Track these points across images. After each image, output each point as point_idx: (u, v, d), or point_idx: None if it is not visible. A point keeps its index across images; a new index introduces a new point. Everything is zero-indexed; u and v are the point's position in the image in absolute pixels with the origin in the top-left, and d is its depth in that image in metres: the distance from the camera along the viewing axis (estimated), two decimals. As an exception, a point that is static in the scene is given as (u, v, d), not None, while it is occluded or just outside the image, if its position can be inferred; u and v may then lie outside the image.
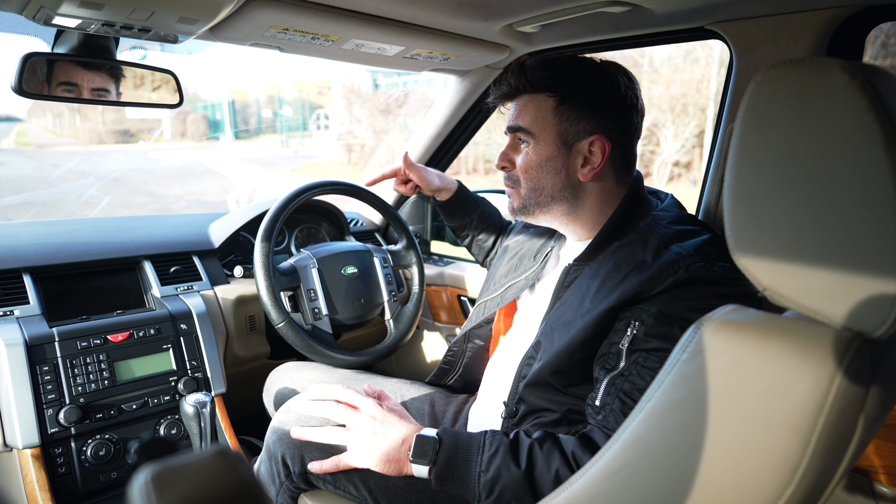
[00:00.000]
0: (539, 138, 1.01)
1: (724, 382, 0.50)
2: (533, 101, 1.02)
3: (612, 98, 0.99)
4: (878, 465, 1.01)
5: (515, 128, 1.04)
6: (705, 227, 0.98)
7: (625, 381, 0.84)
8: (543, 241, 1.20)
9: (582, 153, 1.00)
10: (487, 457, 0.86)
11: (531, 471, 0.83)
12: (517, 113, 1.04)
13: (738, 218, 0.50)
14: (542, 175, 1.02)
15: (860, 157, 0.43)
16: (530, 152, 1.02)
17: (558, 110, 0.99)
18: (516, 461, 0.84)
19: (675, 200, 1.07)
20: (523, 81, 1.02)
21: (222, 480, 0.31)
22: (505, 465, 0.84)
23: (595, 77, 0.99)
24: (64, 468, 1.16)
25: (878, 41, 8.47)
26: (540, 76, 1.00)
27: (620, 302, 0.87)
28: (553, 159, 1.01)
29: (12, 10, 0.96)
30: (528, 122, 1.02)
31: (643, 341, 0.84)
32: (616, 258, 0.94)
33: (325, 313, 1.43)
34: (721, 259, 0.86)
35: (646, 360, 0.83)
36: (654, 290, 0.85)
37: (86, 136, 21.82)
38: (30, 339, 1.18)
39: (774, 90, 0.48)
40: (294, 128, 22.84)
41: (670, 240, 0.91)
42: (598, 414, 0.86)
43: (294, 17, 1.10)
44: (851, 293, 0.45)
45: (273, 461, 1.08)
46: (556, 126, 1.00)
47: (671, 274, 0.84)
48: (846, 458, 0.49)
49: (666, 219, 0.97)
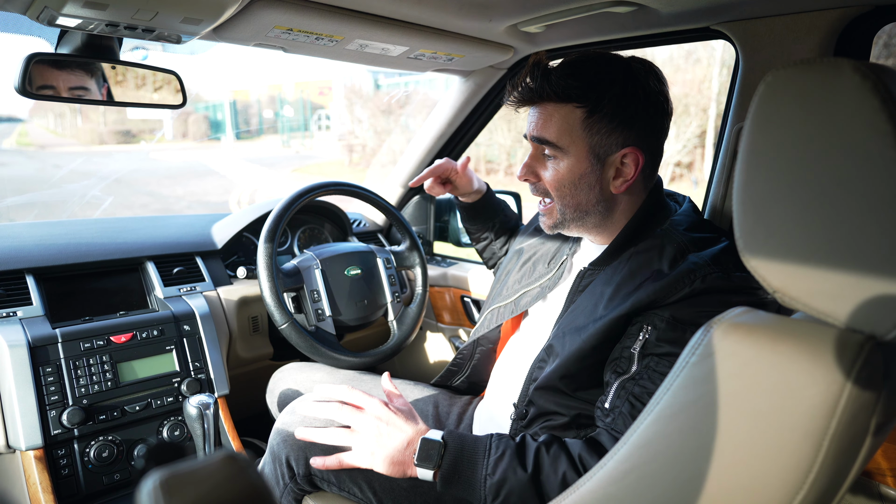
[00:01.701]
0: (570, 153, 0.95)
1: (735, 385, 0.49)
2: (559, 112, 0.94)
3: (644, 106, 0.94)
4: (885, 468, 1.00)
5: (541, 140, 0.97)
6: (722, 233, 0.97)
7: (635, 385, 0.83)
8: (558, 244, 1.17)
9: (614, 165, 0.95)
10: (493, 460, 0.85)
11: (538, 474, 0.83)
12: (542, 123, 0.96)
13: (748, 219, 0.50)
14: (577, 192, 0.97)
15: (872, 158, 0.43)
16: (561, 169, 0.96)
17: (588, 122, 0.93)
18: (523, 464, 0.83)
19: (692, 205, 1.05)
20: (547, 89, 0.94)
21: (231, 486, 0.30)
22: (511, 468, 0.83)
23: (625, 84, 0.92)
24: (67, 470, 1.16)
25: (881, 41, 8.45)
26: (566, 85, 0.92)
27: (634, 309, 0.86)
28: (586, 175, 0.96)
29: (16, 10, 0.96)
30: (555, 135, 0.95)
31: (655, 346, 0.84)
32: (631, 265, 0.93)
33: (328, 314, 1.43)
34: (738, 269, 0.85)
35: (657, 365, 0.83)
36: (669, 299, 0.84)
37: (87, 136, 21.86)
38: (33, 340, 1.18)
39: (784, 91, 0.47)
40: (295, 128, 22.87)
41: (687, 248, 0.90)
42: (606, 416, 0.85)
43: (298, 17, 1.10)
44: (863, 295, 0.44)
45: (277, 463, 1.08)
46: (586, 140, 0.94)
47: (687, 284, 0.84)
48: (857, 462, 0.49)
49: (683, 224, 0.96)
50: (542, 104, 0.97)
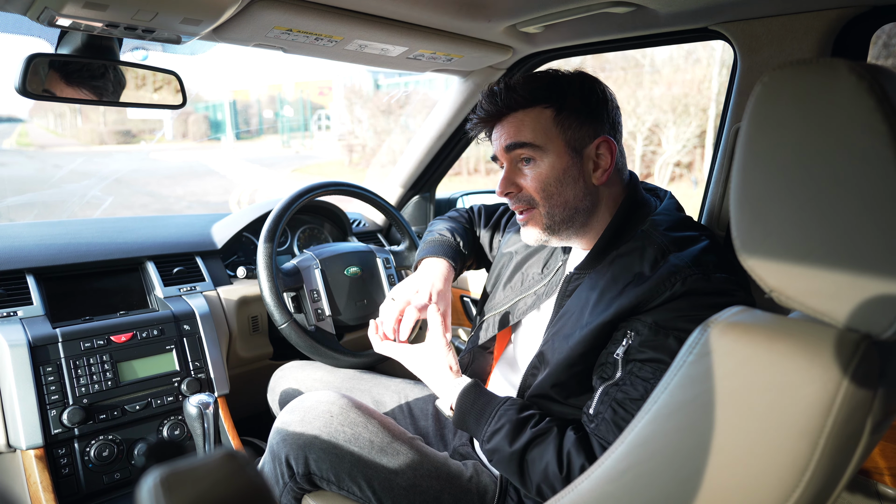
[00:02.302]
0: (548, 150, 0.97)
1: (732, 384, 0.49)
2: (529, 116, 0.98)
3: (602, 100, 0.99)
4: (882, 467, 1.00)
5: (516, 144, 0.98)
6: (703, 230, 0.97)
7: (618, 391, 0.84)
8: (551, 250, 1.16)
9: (591, 157, 0.98)
10: (491, 431, 0.93)
11: (524, 455, 0.89)
12: (513, 131, 0.99)
13: (745, 219, 0.50)
14: (564, 189, 0.98)
15: (868, 158, 0.43)
16: (544, 169, 0.98)
17: (558, 119, 0.97)
18: (514, 441, 0.90)
19: (674, 201, 1.05)
20: (514, 97, 0.98)
21: (231, 483, 0.31)
22: (504, 442, 0.91)
23: (581, 83, 0.99)
24: (67, 469, 1.16)
25: (880, 41, 8.46)
26: (530, 89, 0.97)
27: (618, 315, 0.87)
28: (569, 169, 0.97)
29: (16, 11, 0.96)
30: (530, 135, 0.97)
31: (638, 351, 0.84)
32: (614, 269, 0.94)
33: (328, 314, 1.43)
34: (718, 269, 0.85)
35: (640, 371, 0.83)
36: (651, 303, 0.85)
37: (87, 136, 21.87)
38: (33, 339, 1.18)
39: (781, 91, 0.47)
40: (295, 128, 22.87)
41: (668, 248, 0.90)
42: (591, 423, 0.86)
43: (298, 17, 1.10)
44: (859, 294, 0.45)
45: (276, 462, 1.08)
46: (560, 136, 0.97)
47: (668, 287, 0.84)
48: (853, 461, 0.49)
49: (664, 224, 0.96)
50: (510, 116, 1.00)
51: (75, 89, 1.16)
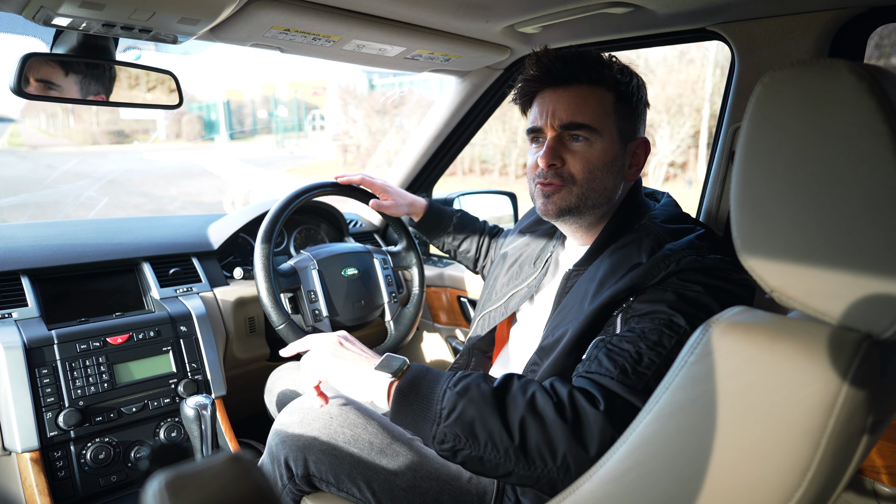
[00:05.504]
0: (604, 136, 0.96)
1: (733, 384, 0.49)
2: (594, 94, 0.96)
3: (646, 102, 1.03)
4: (879, 465, 1.01)
5: (576, 125, 0.96)
6: (699, 223, 0.99)
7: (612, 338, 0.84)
8: (543, 244, 1.19)
9: (632, 153, 1.00)
10: (459, 376, 0.82)
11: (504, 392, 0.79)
12: (574, 108, 0.96)
13: (746, 219, 0.50)
14: (606, 177, 0.98)
15: (868, 158, 0.43)
16: (595, 151, 0.97)
17: (617, 106, 0.97)
18: (488, 381, 0.81)
19: (672, 199, 1.08)
20: (585, 69, 0.95)
21: (236, 486, 0.30)
22: (475, 383, 0.79)
23: (638, 79, 1.00)
24: (63, 472, 1.15)
25: (873, 42, 8.52)
26: (600, 68, 0.96)
27: (614, 298, 0.88)
28: (617, 159, 0.98)
29: (12, 10, 0.96)
30: (591, 116, 0.96)
31: (635, 310, 0.86)
32: (612, 261, 0.95)
33: (325, 315, 1.43)
34: (712, 252, 0.87)
35: (637, 323, 0.84)
36: (646, 283, 0.87)
37: (80, 136, 21.75)
38: (28, 341, 1.17)
39: (781, 91, 0.48)
40: (289, 128, 22.82)
41: (664, 238, 0.92)
42: (582, 366, 0.85)
43: (295, 17, 1.10)
44: (860, 294, 0.45)
45: (275, 463, 1.08)
46: (616, 124, 0.97)
47: (663, 268, 0.86)
48: (854, 460, 0.49)
49: (660, 217, 0.98)
50: (572, 87, 0.97)
51: (71, 89, 1.16)
